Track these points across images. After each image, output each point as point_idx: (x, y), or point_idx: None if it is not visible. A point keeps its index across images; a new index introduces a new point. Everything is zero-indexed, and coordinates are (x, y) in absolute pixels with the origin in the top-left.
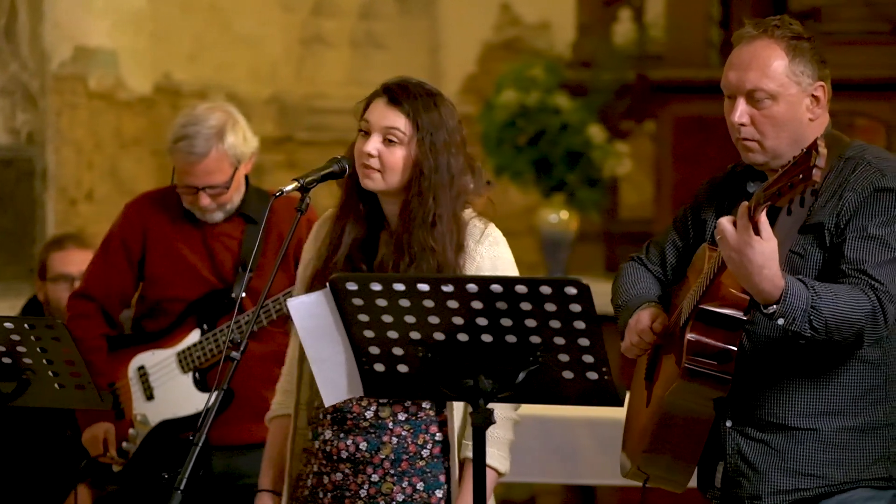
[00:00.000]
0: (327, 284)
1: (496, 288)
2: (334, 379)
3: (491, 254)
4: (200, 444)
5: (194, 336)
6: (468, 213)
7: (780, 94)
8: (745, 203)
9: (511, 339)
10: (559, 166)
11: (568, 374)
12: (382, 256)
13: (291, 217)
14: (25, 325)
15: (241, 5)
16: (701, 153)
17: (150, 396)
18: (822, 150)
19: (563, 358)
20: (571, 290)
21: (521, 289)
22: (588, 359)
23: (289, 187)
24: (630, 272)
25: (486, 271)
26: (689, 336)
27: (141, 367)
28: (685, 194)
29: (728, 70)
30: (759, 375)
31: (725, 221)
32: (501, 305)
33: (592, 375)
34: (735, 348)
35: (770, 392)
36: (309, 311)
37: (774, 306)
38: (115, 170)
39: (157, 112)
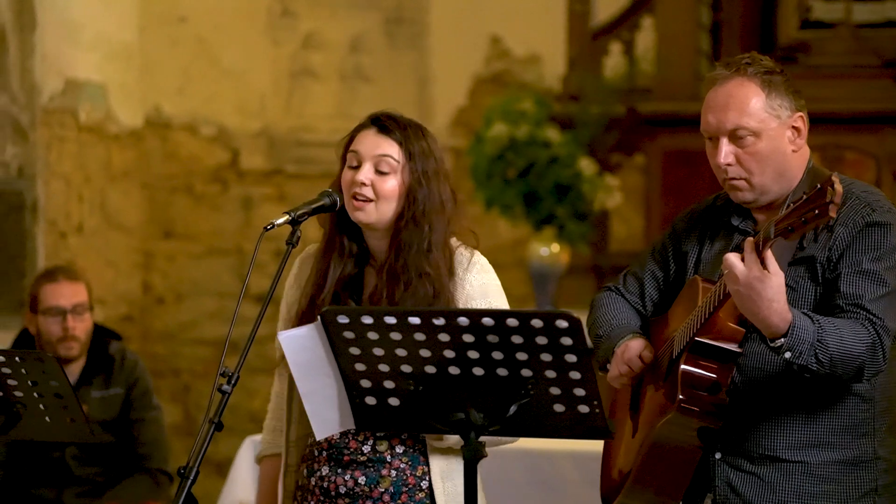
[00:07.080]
0: (318, 318)
1: (487, 321)
2: (325, 412)
3: (480, 281)
4: (192, 478)
5: None
6: (453, 241)
7: (762, 131)
8: (751, 238)
9: (502, 372)
10: (548, 199)
11: (559, 408)
12: (375, 287)
13: None
14: (16, 359)
15: (230, 38)
16: (690, 186)
17: None
18: (839, 186)
19: (555, 391)
20: (562, 324)
21: (512, 322)
22: (579, 392)
23: (279, 220)
24: (608, 302)
25: (476, 299)
26: (683, 367)
27: None
28: None
29: (706, 113)
30: (750, 408)
31: (734, 257)
32: (492, 339)
33: (584, 409)
34: (726, 381)
35: (760, 424)
36: (300, 345)
37: (782, 339)
38: (105, 203)
39: (147, 145)
